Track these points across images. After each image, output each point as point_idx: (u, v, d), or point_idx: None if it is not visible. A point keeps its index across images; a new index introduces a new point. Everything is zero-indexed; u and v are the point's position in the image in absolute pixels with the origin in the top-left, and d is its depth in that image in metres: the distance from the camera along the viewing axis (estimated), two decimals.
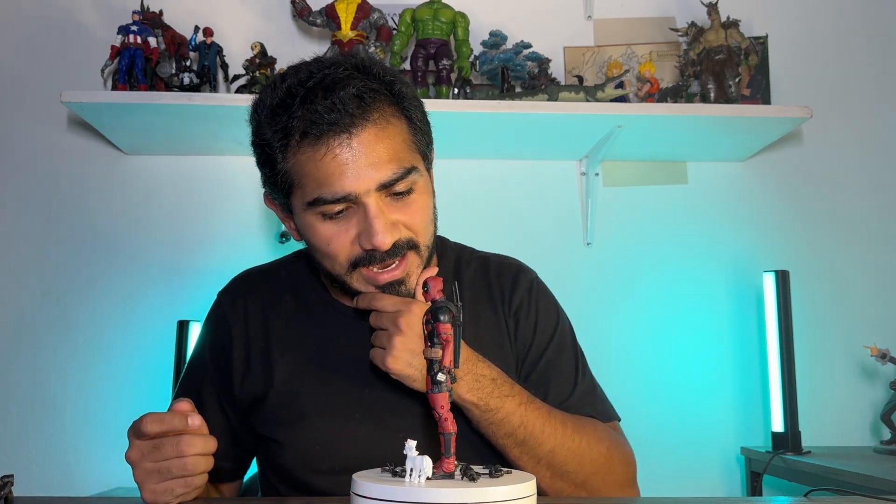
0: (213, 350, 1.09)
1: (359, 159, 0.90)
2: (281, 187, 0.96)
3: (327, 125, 0.89)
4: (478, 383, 0.93)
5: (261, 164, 0.99)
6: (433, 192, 1.02)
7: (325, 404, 1.01)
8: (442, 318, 0.75)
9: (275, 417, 1.02)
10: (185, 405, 0.85)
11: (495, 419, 0.94)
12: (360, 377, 1.00)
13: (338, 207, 0.92)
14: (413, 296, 0.97)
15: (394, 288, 0.96)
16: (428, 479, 0.70)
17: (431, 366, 0.75)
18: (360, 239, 0.93)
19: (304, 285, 1.10)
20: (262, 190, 1.03)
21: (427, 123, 1.02)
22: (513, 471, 0.75)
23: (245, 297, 1.10)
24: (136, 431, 0.84)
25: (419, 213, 0.97)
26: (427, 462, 0.69)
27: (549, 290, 1.16)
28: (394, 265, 0.95)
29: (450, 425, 0.73)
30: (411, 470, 0.69)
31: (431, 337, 0.76)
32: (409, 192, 0.95)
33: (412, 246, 0.96)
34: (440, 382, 0.74)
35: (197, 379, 1.09)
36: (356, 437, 0.98)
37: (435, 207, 1.02)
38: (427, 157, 1.01)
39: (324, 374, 1.02)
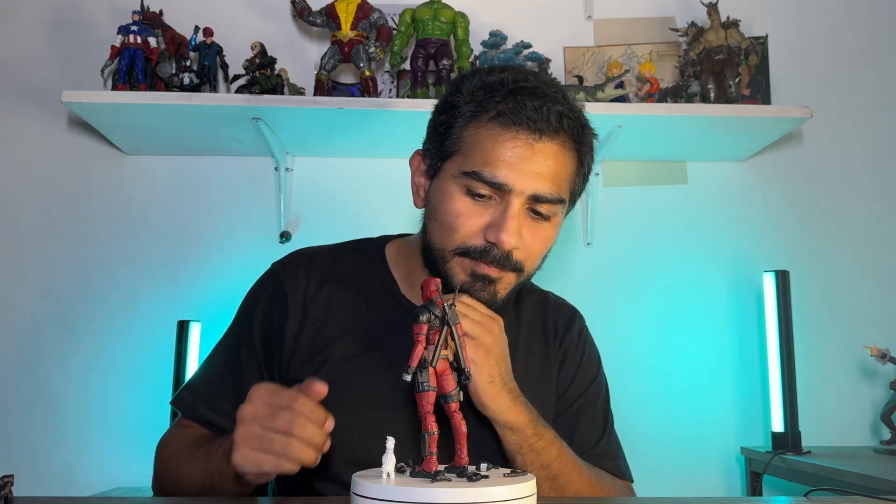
0: (263, 318, 1.08)
1: (532, 162, 0.95)
2: (445, 147, 1.00)
3: (526, 119, 0.95)
4: (528, 406, 0.94)
5: (436, 122, 1.03)
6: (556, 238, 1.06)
7: (372, 396, 1.01)
8: (419, 318, 0.76)
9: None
10: (322, 388, 0.81)
11: (537, 446, 0.94)
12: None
13: (485, 190, 0.96)
14: (497, 303, 1.00)
15: (483, 283, 0.97)
16: (396, 474, 0.72)
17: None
18: (487, 230, 0.96)
19: (371, 274, 1.10)
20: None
21: (587, 179, 1.07)
22: (490, 474, 0.74)
23: (308, 273, 1.09)
24: (264, 392, 0.82)
25: (541, 241, 1.00)
26: (388, 460, 0.72)
27: (595, 342, 1.20)
28: (496, 267, 0.97)
29: (428, 425, 0.74)
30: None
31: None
32: (546, 218, 0.99)
33: (517, 268, 0.99)
34: (409, 382, 0.75)
35: (237, 342, 1.09)
36: (395, 433, 0.96)
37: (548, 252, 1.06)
38: (573, 203, 1.06)
39: (375, 365, 1.02)
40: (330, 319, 1.05)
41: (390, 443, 0.73)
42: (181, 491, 0.98)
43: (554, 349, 1.13)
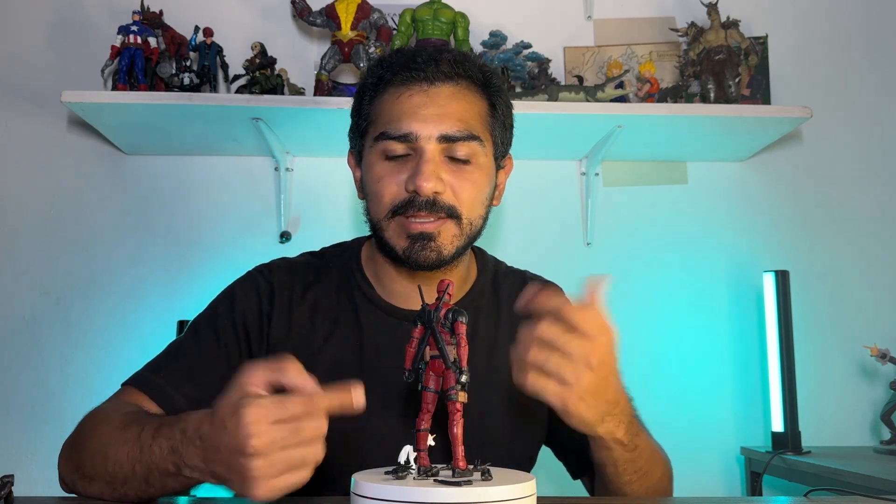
0: (248, 311, 1.04)
1: (430, 107, 0.96)
2: (360, 128, 1.03)
3: (415, 71, 0.97)
4: (624, 413, 0.87)
5: (353, 110, 1.05)
6: (495, 186, 1.05)
7: (366, 403, 1.00)
8: (414, 322, 0.77)
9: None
10: (362, 398, 0.72)
11: (633, 455, 0.91)
12: (398, 378, 1.00)
13: (399, 148, 0.96)
14: (446, 259, 0.98)
15: (422, 242, 0.96)
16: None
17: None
18: (407, 182, 0.95)
19: (349, 280, 1.08)
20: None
21: (510, 123, 1.07)
22: (458, 478, 0.73)
23: (292, 280, 1.07)
24: (292, 411, 0.69)
25: (469, 183, 0.98)
26: (405, 450, 0.74)
27: None
28: (429, 219, 0.96)
29: (418, 423, 0.75)
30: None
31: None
32: (467, 161, 0.98)
33: (452, 214, 0.97)
34: (410, 383, 0.76)
35: (213, 332, 1.03)
36: (387, 438, 0.94)
37: (490, 203, 1.04)
38: (498, 147, 1.04)
39: (365, 372, 1.00)
40: (315, 327, 1.04)
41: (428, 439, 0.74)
42: (102, 473, 0.85)
43: None
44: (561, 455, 1.15)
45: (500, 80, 1.05)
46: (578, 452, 1.06)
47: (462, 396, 0.74)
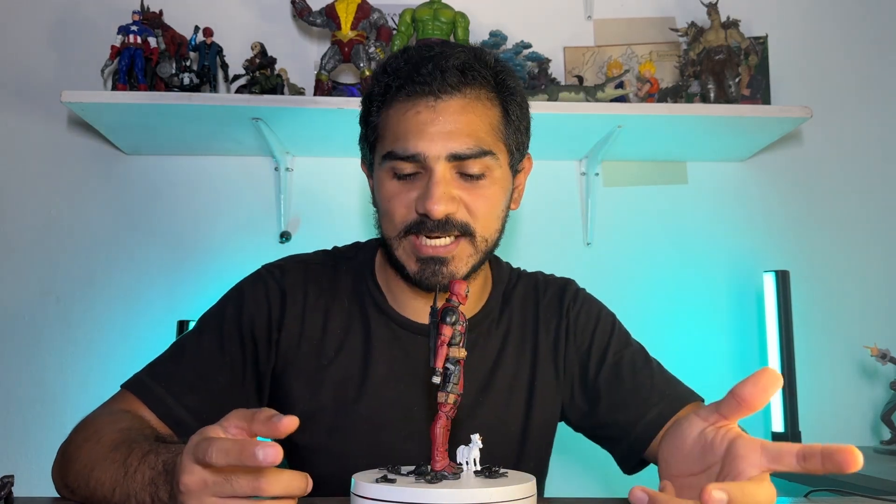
0: (257, 316, 1.00)
1: (437, 124, 0.91)
2: (369, 140, 0.99)
3: (420, 84, 0.91)
4: None
5: (361, 118, 1.01)
6: (511, 194, 1.01)
7: (375, 418, 0.98)
8: None
9: (320, 425, 0.99)
10: (292, 423, 0.62)
11: None
12: (411, 392, 0.98)
13: (407, 168, 0.93)
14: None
15: (433, 267, 0.93)
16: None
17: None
18: (417, 203, 0.92)
19: (362, 286, 1.05)
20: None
21: (526, 125, 1.02)
22: (451, 477, 0.73)
23: (306, 283, 1.03)
24: (197, 456, 0.62)
25: (484, 199, 0.94)
26: (473, 448, 0.74)
27: (597, 299, 1.18)
28: (442, 241, 0.92)
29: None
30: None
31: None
32: (480, 176, 0.94)
33: (466, 231, 0.93)
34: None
35: (219, 335, 0.99)
36: (399, 453, 0.93)
37: (507, 211, 1.00)
38: (513, 154, 0.99)
39: (375, 384, 0.99)
40: (327, 336, 1.01)
41: (475, 438, 0.74)
42: (84, 489, 0.83)
43: (562, 326, 1.09)
44: (615, 453, 1.09)
45: (514, 79, 0.99)
46: (632, 448, 1.03)
47: (441, 396, 0.74)
